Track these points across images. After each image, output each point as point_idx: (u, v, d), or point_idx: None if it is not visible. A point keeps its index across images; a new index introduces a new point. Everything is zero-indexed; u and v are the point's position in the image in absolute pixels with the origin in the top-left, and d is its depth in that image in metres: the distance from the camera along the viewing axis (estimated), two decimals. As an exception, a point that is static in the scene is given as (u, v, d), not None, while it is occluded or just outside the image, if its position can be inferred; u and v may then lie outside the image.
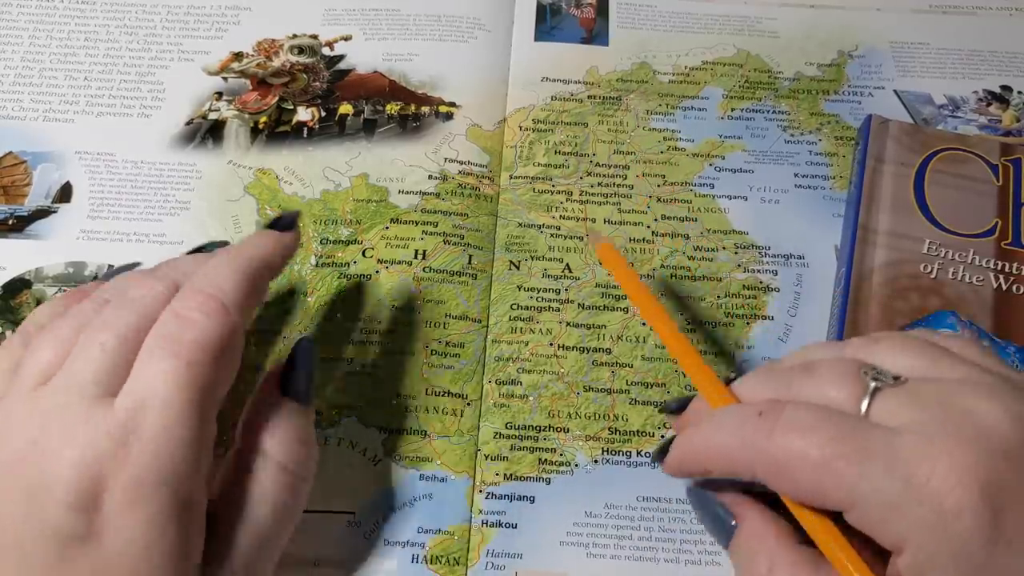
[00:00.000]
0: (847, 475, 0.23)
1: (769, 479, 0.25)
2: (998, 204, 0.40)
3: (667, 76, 0.49)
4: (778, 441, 0.25)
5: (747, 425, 0.26)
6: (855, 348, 0.28)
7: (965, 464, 0.22)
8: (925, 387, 0.25)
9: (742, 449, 0.26)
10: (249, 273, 0.29)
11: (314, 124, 0.46)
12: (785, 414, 0.25)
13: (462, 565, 0.33)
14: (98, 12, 0.51)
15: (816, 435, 0.24)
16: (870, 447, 0.23)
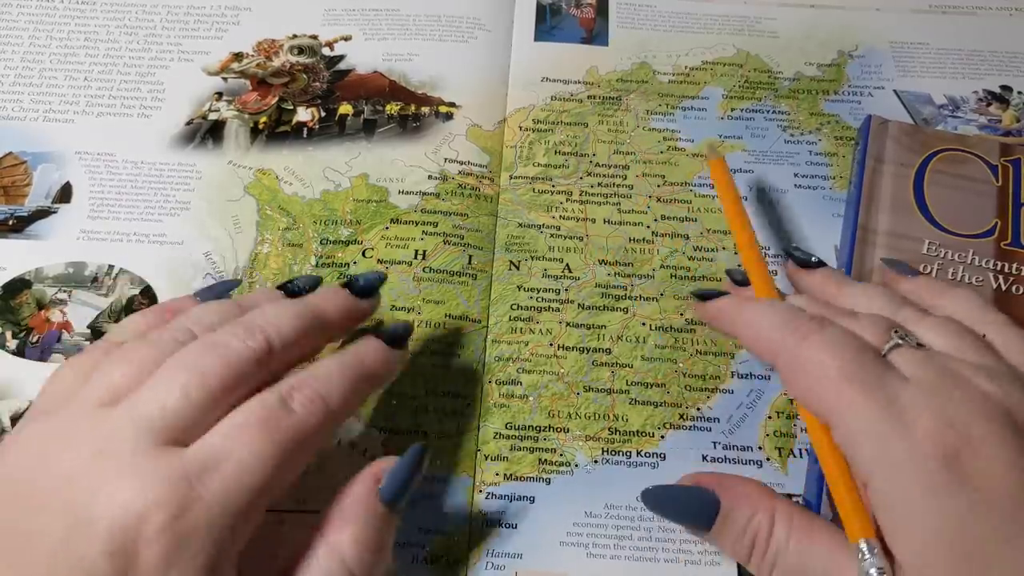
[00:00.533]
0: (850, 393, 0.26)
1: (785, 373, 0.29)
2: (998, 204, 0.40)
3: (667, 76, 0.49)
4: (811, 346, 0.28)
5: (793, 323, 0.29)
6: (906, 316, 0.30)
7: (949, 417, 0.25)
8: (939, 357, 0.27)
9: (778, 340, 0.29)
10: (358, 388, 0.29)
11: (314, 124, 0.46)
12: (826, 330, 0.28)
13: (462, 565, 0.33)
14: (98, 12, 0.51)
15: (841, 355, 0.27)
16: (881, 381, 0.26)
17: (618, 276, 0.41)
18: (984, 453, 0.24)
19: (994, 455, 0.24)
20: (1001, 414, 0.25)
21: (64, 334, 0.38)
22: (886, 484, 0.25)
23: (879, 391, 0.26)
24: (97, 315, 0.39)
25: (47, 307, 0.39)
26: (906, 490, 0.24)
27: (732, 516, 0.28)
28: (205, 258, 0.41)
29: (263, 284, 0.40)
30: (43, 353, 0.38)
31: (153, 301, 0.39)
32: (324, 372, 0.28)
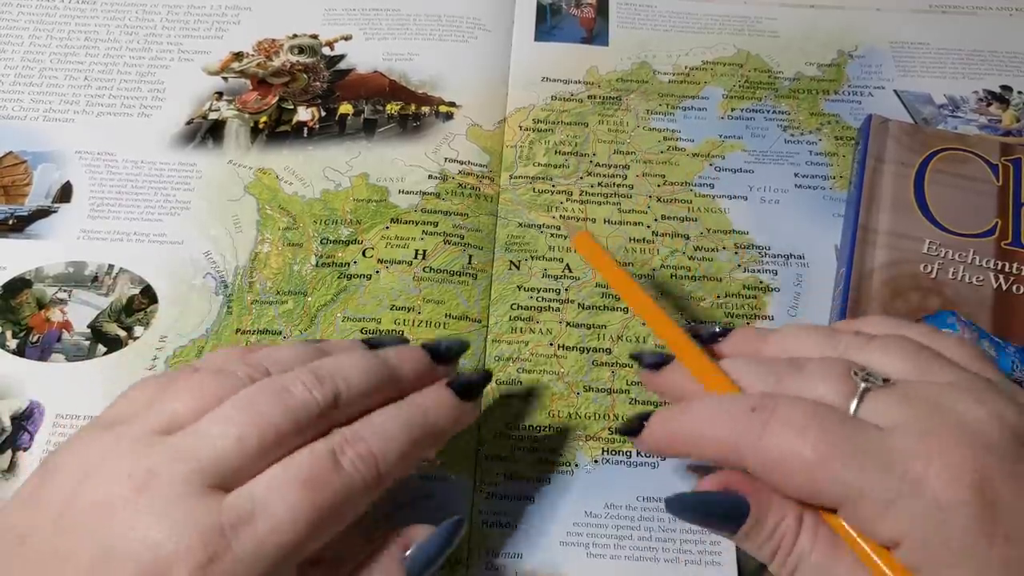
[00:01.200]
0: (842, 473, 0.24)
1: (763, 475, 0.26)
2: (998, 204, 0.40)
3: (667, 76, 0.49)
4: (772, 439, 0.25)
5: (740, 420, 0.26)
6: (846, 346, 0.28)
7: (958, 461, 0.23)
8: (914, 388, 0.26)
9: (735, 443, 0.26)
10: (417, 445, 0.28)
11: (314, 124, 0.46)
12: (779, 411, 0.26)
13: (462, 565, 0.33)
14: (98, 12, 0.51)
15: (810, 434, 0.25)
16: (864, 445, 0.24)
17: (618, 276, 0.41)
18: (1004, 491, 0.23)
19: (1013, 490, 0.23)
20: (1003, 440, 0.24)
21: (64, 334, 0.38)
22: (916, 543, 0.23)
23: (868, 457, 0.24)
24: (97, 315, 0.39)
25: (47, 307, 0.39)
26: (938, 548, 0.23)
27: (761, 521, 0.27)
28: (205, 257, 0.41)
29: (263, 284, 0.40)
30: (43, 353, 0.38)
31: (153, 301, 0.39)
32: (382, 425, 0.27)
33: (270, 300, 0.39)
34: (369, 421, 0.27)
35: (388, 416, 0.27)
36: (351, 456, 0.26)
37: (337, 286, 0.40)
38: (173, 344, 0.38)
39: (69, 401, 0.36)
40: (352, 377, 0.27)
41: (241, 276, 0.40)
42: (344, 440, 0.26)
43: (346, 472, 0.25)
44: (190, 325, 0.38)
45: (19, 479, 0.34)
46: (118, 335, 0.38)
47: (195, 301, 0.39)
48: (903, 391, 0.25)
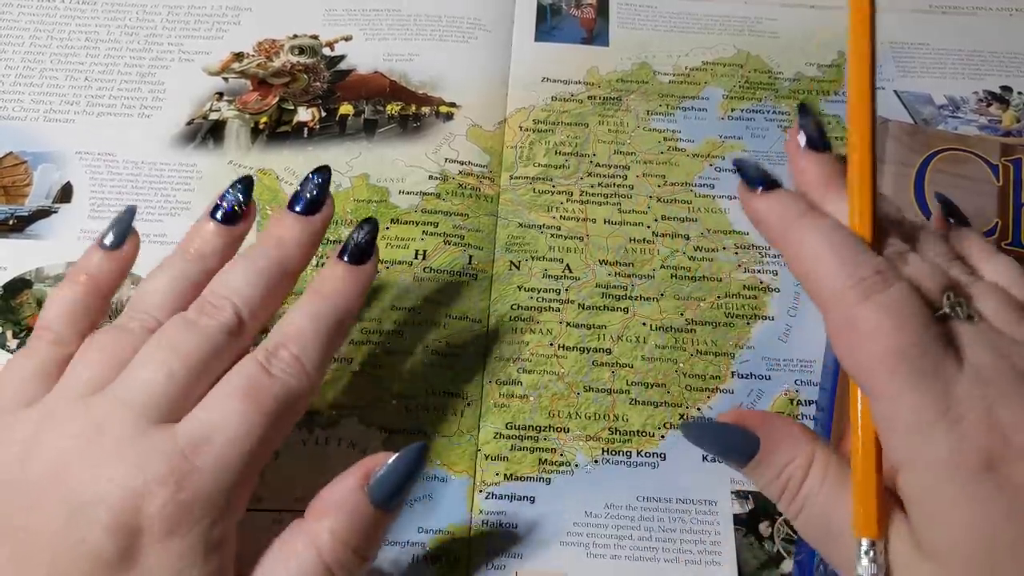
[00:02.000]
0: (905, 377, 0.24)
1: (835, 330, 0.25)
2: (998, 204, 0.40)
3: (667, 76, 0.49)
4: (867, 312, 0.24)
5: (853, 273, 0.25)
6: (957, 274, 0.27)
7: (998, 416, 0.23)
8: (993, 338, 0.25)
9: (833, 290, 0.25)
10: (333, 335, 0.28)
11: (314, 124, 0.46)
12: (891, 291, 0.25)
13: (462, 565, 0.33)
14: (99, 12, 0.51)
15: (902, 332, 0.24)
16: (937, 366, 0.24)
17: (618, 276, 0.41)
18: None
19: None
20: None
21: (64, 334, 0.38)
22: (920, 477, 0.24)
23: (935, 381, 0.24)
24: (97, 315, 0.39)
25: (47, 307, 0.39)
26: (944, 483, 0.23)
27: (770, 458, 0.27)
28: (205, 258, 0.41)
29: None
30: (43, 353, 0.37)
31: (153, 301, 0.39)
32: (296, 330, 0.28)
33: (270, 300, 0.39)
34: (280, 329, 0.28)
35: (297, 318, 0.28)
36: (278, 365, 0.27)
37: (337, 286, 0.40)
38: (173, 344, 0.38)
39: (69, 401, 0.36)
40: (245, 290, 0.28)
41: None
42: (266, 352, 0.27)
43: (278, 378, 0.27)
44: (190, 325, 0.38)
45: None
46: (118, 335, 0.38)
47: (195, 301, 0.39)
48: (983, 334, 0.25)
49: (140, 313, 0.29)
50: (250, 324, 0.28)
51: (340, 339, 0.29)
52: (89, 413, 0.25)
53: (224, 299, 0.28)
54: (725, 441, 0.28)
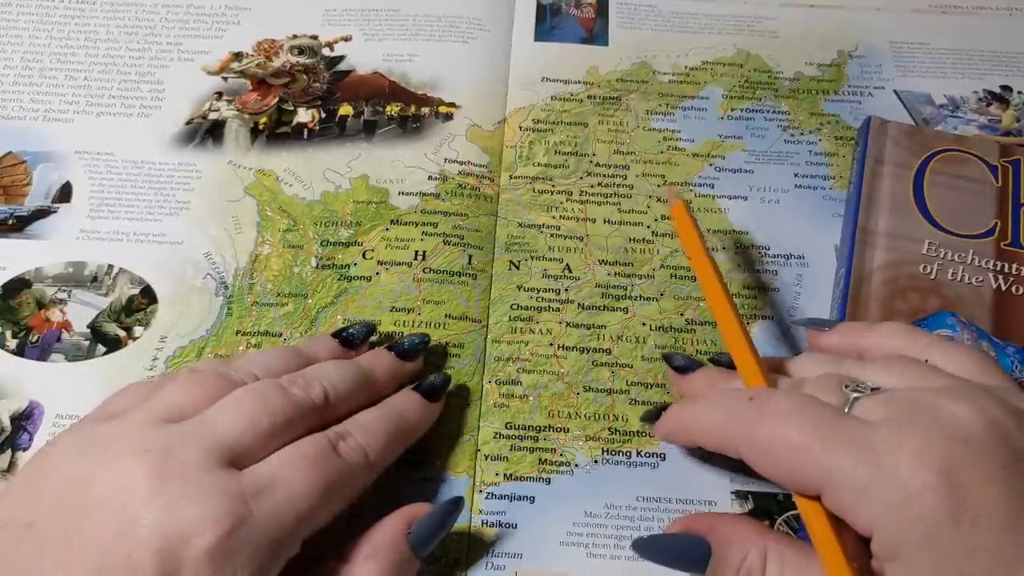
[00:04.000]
0: (822, 459, 0.25)
1: (753, 461, 0.28)
2: (997, 205, 0.40)
3: (667, 76, 0.49)
4: (764, 426, 0.27)
5: (738, 408, 0.29)
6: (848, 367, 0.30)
7: (927, 449, 0.24)
8: (901, 392, 0.27)
9: (731, 429, 0.29)
10: (396, 440, 0.31)
11: (314, 125, 0.46)
12: (772, 400, 0.28)
13: (462, 565, 0.33)
14: (98, 12, 0.51)
15: (796, 421, 0.26)
16: (845, 435, 0.26)
17: (618, 276, 0.41)
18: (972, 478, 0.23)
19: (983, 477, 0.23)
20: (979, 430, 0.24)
21: (64, 333, 0.38)
22: (887, 532, 0.24)
23: (848, 444, 0.25)
24: (97, 315, 0.39)
25: (47, 306, 0.39)
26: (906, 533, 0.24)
27: (724, 559, 0.28)
28: (205, 258, 0.41)
29: (263, 286, 0.40)
30: (43, 352, 0.38)
31: (153, 301, 0.39)
32: (367, 424, 0.31)
33: (270, 302, 0.39)
34: (355, 420, 0.31)
35: (370, 416, 0.31)
36: (344, 448, 0.29)
37: (337, 288, 0.40)
38: (173, 344, 0.38)
39: (69, 401, 0.36)
40: (336, 381, 0.31)
41: (241, 277, 0.40)
42: (338, 435, 0.29)
43: (343, 458, 0.29)
44: (190, 326, 0.39)
45: (19, 479, 0.34)
46: (118, 335, 0.38)
47: (195, 302, 0.39)
48: (890, 395, 0.27)
49: (244, 368, 0.31)
50: (332, 408, 0.31)
51: (400, 449, 0.32)
52: (164, 437, 0.26)
53: (316, 380, 0.31)
54: (675, 551, 0.30)
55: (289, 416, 0.29)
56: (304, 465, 0.27)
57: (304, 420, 0.29)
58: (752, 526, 0.29)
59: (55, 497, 0.25)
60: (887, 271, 0.39)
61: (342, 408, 0.31)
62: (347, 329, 0.36)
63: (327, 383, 0.31)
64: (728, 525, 0.29)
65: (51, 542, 0.24)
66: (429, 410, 0.34)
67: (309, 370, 0.32)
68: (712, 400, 0.31)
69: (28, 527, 0.25)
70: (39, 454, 0.28)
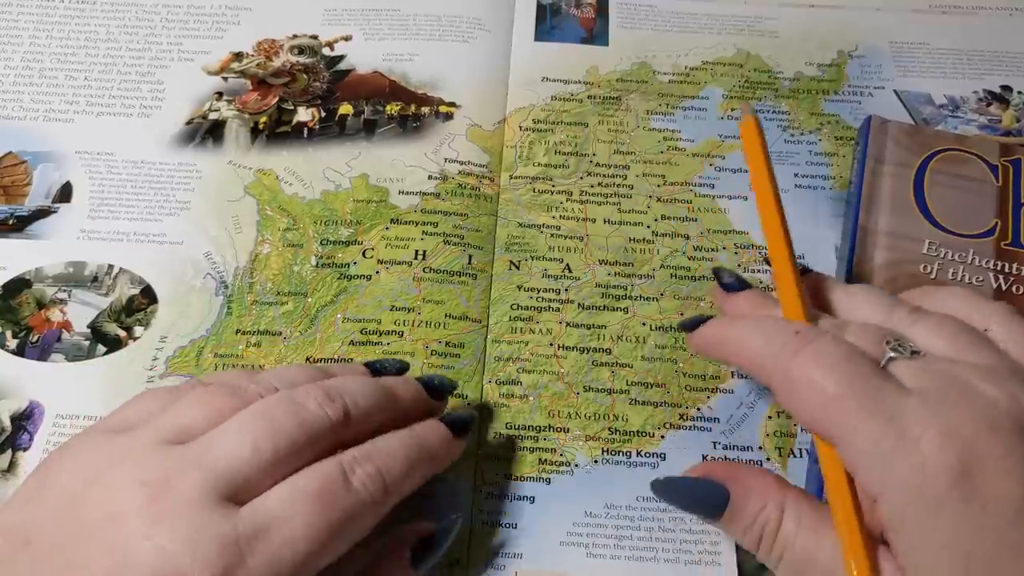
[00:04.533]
0: (851, 415, 0.25)
1: (781, 394, 0.27)
2: (998, 204, 0.40)
3: (667, 76, 0.49)
4: (801, 363, 0.26)
5: (781, 338, 0.28)
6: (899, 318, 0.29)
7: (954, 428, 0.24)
8: (939, 363, 0.26)
9: (768, 357, 0.28)
10: (418, 470, 0.29)
11: (314, 124, 0.46)
12: (816, 342, 0.27)
13: (462, 565, 0.33)
14: (98, 12, 0.51)
15: (836, 371, 0.26)
16: (881, 397, 0.25)
17: (618, 276, 0.41)
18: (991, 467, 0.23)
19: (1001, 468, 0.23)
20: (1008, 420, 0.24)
21: (64, 333, 0.38)
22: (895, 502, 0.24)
23: (879, 408, 0.25)
24: (97, 315, 0.39)
25: (47, 306, 0.39)
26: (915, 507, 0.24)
27: (742, 507, 0.28)
28: (205, 258, 0.41)
29: (263, 285, 0.40)
30: (43, 353, 0.38)
31: (153, 301, 0.39)
32: (388, 449, 0.28)
33: (270, 301, 0.39)
34: (375, 443, 0.28)
35: (393, 439, 0.29)
36: (360, 475, 0.27)
37: (337, 287, 0.40)
38: (173, 344, 0.38)
39: (69, 401, 0.36)
40: (359, 397, 0.29)
41: (241, 277, 0.40)
42: (354, 459, 0.27)
43: (355, 490, 0.26)
44: (190, 325, 0.38)
45: (19, 479, 0.34)
46: (118, 335, 0.38)
47: (195, 301, 0.39)
48: (928, 363, 0.26)
49: (263, 381, 0.29)
50: (351, 428, 0.28)
51: (420, 480, 0.29)
52: (164, 463, 0.25)
53: (337, 394, 0.29)
54: (694, 495, 0.29)
55: (297, 440, 0.26)
56: (307, 504, 0.25)
57: (316, 443, 0.27)
58: (773, 479, 0.29)
59: (54, 514, 0.25)
60: (887, 271, 0.39)
61: (362, 427, 0.29)
62: (379, 361, 0.34)
63: (348, 397, 0.29)
64: (749, 475, 0.29)
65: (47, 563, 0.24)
66: (454, 445, 0.31)
67: (331, 382, 0.30)
68: (756, 323, 0.29)
69: (27, 542, 0.25)
70: (47, 460, 0.27)
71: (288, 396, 0.28)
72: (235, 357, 0.38)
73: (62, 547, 0.24)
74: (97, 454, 0.26)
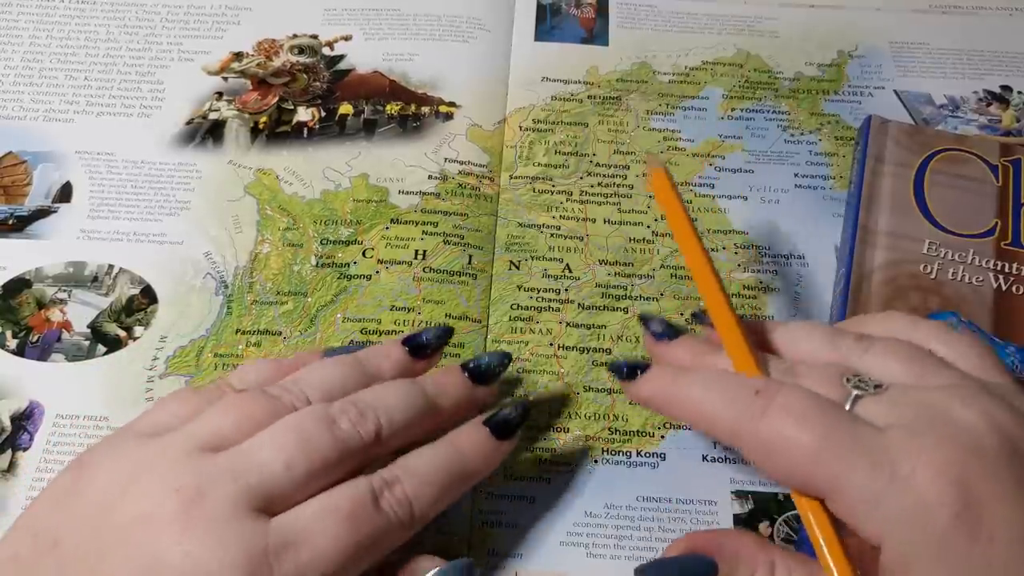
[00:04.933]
0: (834, 465, 0.24)
1: (754, 457, 0.26)
2: (998, 204, 0.40)
3: (667, 76, 0.49)
4: (771, 423, 0.25)
5: (741, 400, 0.26)
6: (847, 349, 0.28)
7: (945, 460, 0.23)
8: (905, 393, 0.26)
9: (732, 421, 0.26)
10: (451, 490, 0.28)
11: (314, 124, 0.46)
12: (780, 397, 0.26)
13: (462, 565, 0.33)
14: (98, 12, 0.51)
15: (808, 422, 0.25)
16: (859, 441, 0.24)
17: (618, 276, 0.41)
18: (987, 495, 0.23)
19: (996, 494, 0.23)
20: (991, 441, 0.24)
21: (64, 333, 0.38)
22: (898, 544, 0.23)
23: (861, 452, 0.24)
24: (97, 315, 0.39)
25: (47, 306, 0.39)
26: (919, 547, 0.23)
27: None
28: (205, 258, 0.41)
29: (263, 285, 0.40)
30: (43, 352, 0.38)
31: (153, 301, 0.39)
32: (420, 471, 0.28)
33: (270, 301, 0.39)
34: (407, 464, 0.28)
35: (426, 460, 0.28)
36: (389, 498, 0.27)
37: (337, 287, 0.40)
38: (173, 344, 0.38)
39: (69, 401, 0.36)
40: (394, 412, 0.28)
41: (241, 276, 0.40)
42: (383, 482, 0.27)
43: (384, 512, 0.26)
44: (190, 325, 0.38)
45: (20, 479, 0.34)
46: (118, 335, 0.38)
47: (195, 301, 0.39)
48: (895, 396, 0.26)
49: (297, 389, 0.29)
50: (385, 444, 0.28)
51: (453, 499, 0.29)
52: (197, 471, 0.25)
53: (372, 410, 0.28)
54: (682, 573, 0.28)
55: (329, 458, 0.26)
56: (336, 521, 0.25)
57: (348, 460, 0.27)
58: (756, 541, 0.28)
59: (84, 517, 0.25)
60: (887, 271, 0.39)
61: (396, 442, 0.29)
62: (420, 335, 0.32)
63: (383, 416, 0.28)
64: (733, 541, 0.28)
65: (72, 566, 0.24)
66: (497, 451, 0.30)
67: (366, 395, 0.29)
68: (711, 381, 0.28)
69: (55, 544, 0.25)
70: (78, 462, 0.27)
71: (323, 412, 0.27)
72: (235, 357, 0.38)
73: (90, 550, 0.24)
74: (129, 459, 0.26)
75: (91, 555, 0.24)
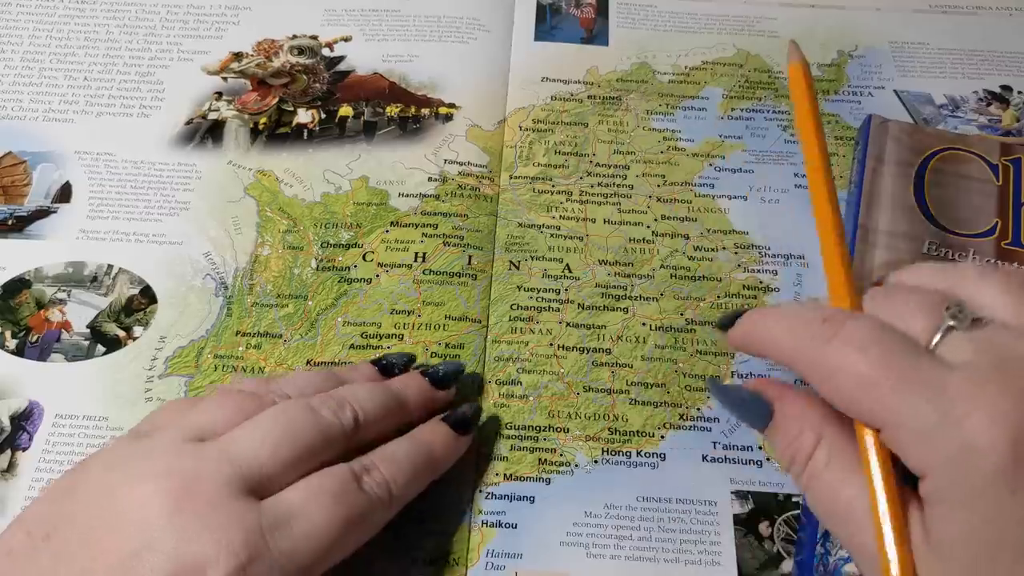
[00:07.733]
0: (889, 398, 0.24)
1: (816, 383, 0.26)
2: (998, 204, 0.40)
3: (667, 76, 0.49)
4: (831, 350, 0.25)
5: (809, 327, 0.27)
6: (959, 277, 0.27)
7: (1004, 409, 0.23)
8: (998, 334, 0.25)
9: (798, 348, 0.27)
10: (422, 475, 0.31)
11: (314, 126, 0.46)
12: (846, 327, 0.26)
13: (462, 565, 0.33)
14: (98, 12, 0.51)
15: (868, 353, 0.25)
16: (918, 375, 0.24)
17: (618, 276, 0.41)
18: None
19: None
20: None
21: (63, 334, 0.38)
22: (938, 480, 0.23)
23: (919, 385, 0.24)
24: (96, 315, 0.39)
25: (46, 307, 0.39)
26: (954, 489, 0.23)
27: (782, 427, 0.28)
28: (205, 259, 0.41)
29: (263, 287, 0.40)
30: (42, 353, 0.38)
31: (153, 301, 0.39)
32: (394, 457, 0.30)
33: (270, 303, 0.39)
34: (382, 452, 0.30)
35: (397, 448, 0.31)
36: (369, 482, 0.29)
37: (337, 290, 0.40)
38: (173, 345, 0.38)
39: (68, 401, 0.36)
40: (367, 405, 0.31)
41: (241, 278, 0.40)
42: (363, 467, 0.29)
43: (366, 493, 0.28)
44: (189, 326, 0.38)
45: (19, 479, 0.34)
46: (117, 335, 0.38)
47: (195, 302, 0.39)
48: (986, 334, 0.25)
49: (278, 391, 0.31)
50: (362, 432, 0.30)
51: (424, 483, 0.32)
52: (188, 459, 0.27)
53: (347, 402, 0.31)
54: (739, 403, 0.29)
55: (313, 443, 0.28)
56: (325, 500, 0.27)
57: (330, 446, 0.29)
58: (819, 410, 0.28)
59: (78, 509, 0.26)
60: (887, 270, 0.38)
61: (371, 432, 0.31)
62: (386, 357, 0.36)
63: (358, 406, 0.31)
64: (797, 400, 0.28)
65: (67, 555, 0.25)
66: (458, 443, 0.33)
67: (341, 390, 0.32)
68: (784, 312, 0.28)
69: (47, 537, 0.25)
70: (77, 465, 0.28)
71: (305, 402, 0.30)
72: (235, 359, 0.38)
73: (85, 535, 0.25)
74: (125, 454, 0.28)
75: (85, 543, 0.25)
